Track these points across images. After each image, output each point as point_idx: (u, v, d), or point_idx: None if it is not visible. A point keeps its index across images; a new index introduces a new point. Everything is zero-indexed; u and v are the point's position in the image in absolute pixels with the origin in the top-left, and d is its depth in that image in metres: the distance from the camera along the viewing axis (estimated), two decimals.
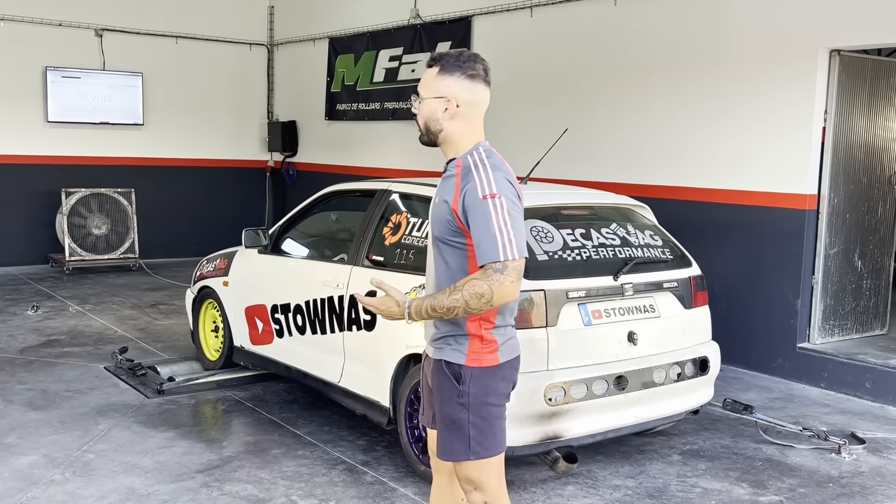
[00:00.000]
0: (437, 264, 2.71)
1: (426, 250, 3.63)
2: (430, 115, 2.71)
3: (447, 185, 2.67)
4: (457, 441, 2.72)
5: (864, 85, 6.52)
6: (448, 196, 2.63)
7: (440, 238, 2.66)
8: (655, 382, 4.36)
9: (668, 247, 4.77)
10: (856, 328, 6.80)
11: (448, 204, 2.62)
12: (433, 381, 2.79)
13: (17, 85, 10.57)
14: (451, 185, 2.64)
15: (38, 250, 10.90)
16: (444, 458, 2.77)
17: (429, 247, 2.78)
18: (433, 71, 2.70)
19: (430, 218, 2.75)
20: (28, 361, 6.38)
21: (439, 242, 2.67)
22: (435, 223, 2.68)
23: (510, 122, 8.67)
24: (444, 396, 2.72)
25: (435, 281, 2.72)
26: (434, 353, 2.76)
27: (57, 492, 4.07)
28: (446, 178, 2.70)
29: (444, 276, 2.68)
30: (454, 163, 2.70)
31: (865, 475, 4.60)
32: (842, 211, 6.53)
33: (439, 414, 2.76)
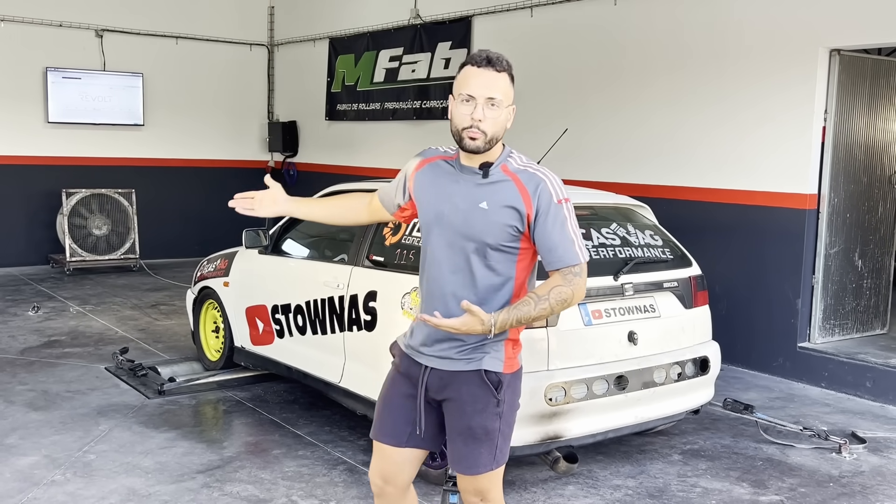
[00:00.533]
0: (478, 271, 2.56)
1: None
2: (503, 125, 2.56)
3: (499, 189, 2.54)
4: (486, 453, 2.61)
5: (864, 84, 6.52)
6: (512, 202, 2.53)
7: (495, 245, 2.54)
8: (656, 382, 4.36)
9: (668, 247, 4.77)
10: (856, 328, 6.80)
11: (516, 210, 2.52)
12: (458, 392, 2.61)
13: (18, 85, 10.58)
14: (510, 190, 2.54)
15: (38, 251, 10.90)
16: (471, 472, 2.63)
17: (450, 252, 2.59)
18: (506, 77, 2.54)
19: (466, 224, 2.55)
20: (29, 362, 6.39)
21: (489, 250, 2.54)
22: (488, 230, 2.53)
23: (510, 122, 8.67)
24: (479, 407, 2.59)
25: (475, 288, 2.57)
26: (465, 364, 2.59)
27: (58, 492, 4.07)
28: (492, 184, 2.55)
29: (487, 283, 2.57)
30: (496, 167, 2.58)
31: (866, 475, 4.60)
32: (842, 210, 6.53)
33: (468, 427, 2.60)
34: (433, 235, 2.63)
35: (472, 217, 2.54)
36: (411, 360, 2.69)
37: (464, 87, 2.52)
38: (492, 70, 2.51)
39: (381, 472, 2.74)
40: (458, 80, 2.56)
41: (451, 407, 2.64)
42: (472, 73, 2.51)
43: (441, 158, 2.69)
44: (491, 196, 2.54)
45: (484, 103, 2.49)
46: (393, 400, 2.72)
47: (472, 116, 2.49)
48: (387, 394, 2.75)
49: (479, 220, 2.54)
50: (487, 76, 2.50)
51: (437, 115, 9.55)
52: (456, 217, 2.56)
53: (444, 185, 2.62)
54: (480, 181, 2.57)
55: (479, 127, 2.49)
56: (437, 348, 2.63)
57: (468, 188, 2.58)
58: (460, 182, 2.59)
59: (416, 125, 9.93)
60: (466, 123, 2.50)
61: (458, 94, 2.54)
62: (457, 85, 2.55)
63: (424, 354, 2.65)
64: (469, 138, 2.51)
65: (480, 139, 2.50)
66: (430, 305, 2.61)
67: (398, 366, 2.75)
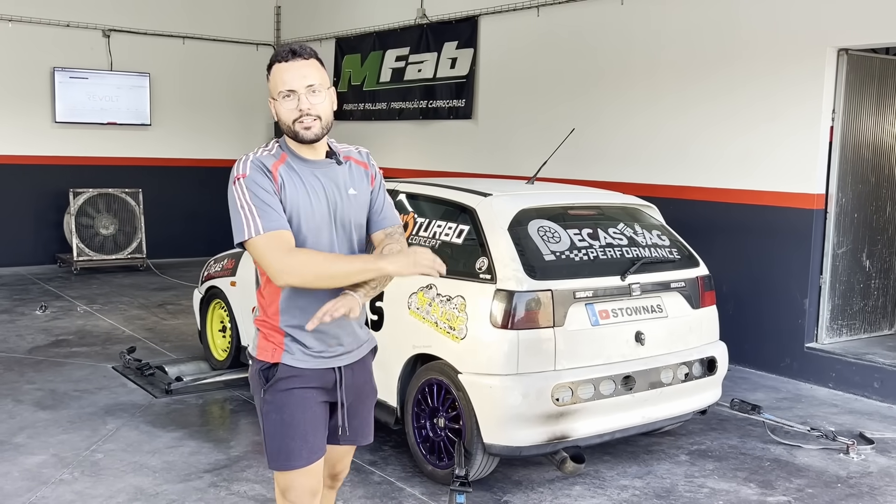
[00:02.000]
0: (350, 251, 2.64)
1: (432, 251, 3.63)
2: (330, 107, 2.57)
3: (353, 173, 2.65)
4: None
5: (872, 84, 6.50)
6: (365, 180, 2.69)
7: (363, 225, 2.69)
8: (663, 382, 4.36)
9: (675, 246, 4.76)
10: (864, 328, 6.78)
11: (369, 185, 2.70)
12: (364, 374, 2.77)
13: (25, 86, 10.61)
14: (359, 170, 2.69)
15: (46, 250, 10.93)
16: (371, 437, 2.87)
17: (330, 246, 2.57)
18: (315, 62, 2.54)
19: (342, 214, 2.59)
20: (37, 361, 6.41)
21: (359, 227, 2.66)
22: (360, 213, 2.66)
23: (517, 122, 8.68)
24: (371, 378, 2.84)
25: None
26: (366, 348, 2.77)
27: (66, 491, 4.08)
28: (346, 170, 2.64)
29: None
30: (343, 155, 2.67)
31: (874, 475, 4.58)
32: (850, 210, 6.51)
33: (374, 396, 2.86)
34: (313, 239, 2.54)
35: (347, 206, 2.61)
36: (318, 371, 2.59)
37: (280, 84, 2.51)
38: (300, 60, 2.52)
39: (312, 489, 2.65)
40: (271, 83, 2.55)
41: (364, 387, 2.78)
42: (283, 69, 2.52)
43: (281, 162, 2.56)
44: (353, 181, 2.65)
45: (305, 92, 2.50)
46: (307, 418, 2.59)
47: (299, 108, 2.50)
48: (301, 418, 2.58)
49: (352, 207, 2.62)
50: (298, 66, 2.51)
51: (444, 114, 9.55)
52: (333, 212, 2.58)
53: (304, 183, 2.55)
54: (337, 170, 2.62)
55: (310, 114, 2.50)
56: (347, 345, 2.66)
57: (330, 180, 2.59)
58: (317, 176, 2.58)
59: (423, 125, 9.93)
60: (296, 116, 2.51)
61: (276, 94, 2.53)
62: (272, 87, 2.55)
63: (339, 356, 2.63)
64: (304, 129, 2.51)
65: (316, 126, 2.52)
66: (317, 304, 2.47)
67: (299, 386, 2.58)
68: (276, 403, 2.59)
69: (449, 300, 4.19)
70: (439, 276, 2.55)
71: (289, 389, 2.58)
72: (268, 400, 2.60)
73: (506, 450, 4.03)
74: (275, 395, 2.59)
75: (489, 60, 9.03)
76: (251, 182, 2.48)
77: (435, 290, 4.28)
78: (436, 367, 4.27)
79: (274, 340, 2.60)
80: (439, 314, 4.22)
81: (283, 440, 2.58)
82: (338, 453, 2.83)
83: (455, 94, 9.40)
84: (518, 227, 4.27)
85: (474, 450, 4.06)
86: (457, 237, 4.41)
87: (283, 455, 2.59)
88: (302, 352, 2.58)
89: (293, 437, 2.58)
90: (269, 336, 2.61)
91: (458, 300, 4.15)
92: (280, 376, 2.58)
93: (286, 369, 2.57)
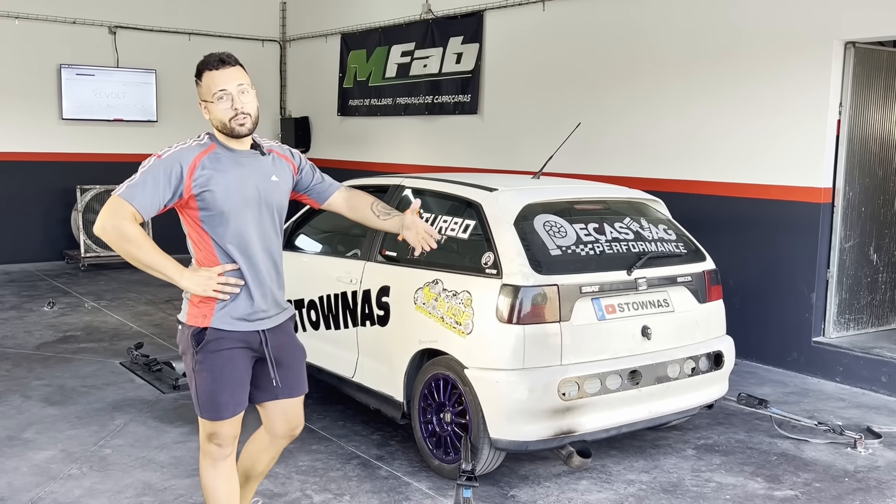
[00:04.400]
0: (278, 235, 3.10)
1: (438, 246, 3.64)
2: (257, 105, 2.99)
3: (276, 163, 3.09)
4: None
5: (879, 77, 6.48)
6: (287, 169, 3.15)
7: (285, 208, 3.11)
8: (669, 377, 4.35)
9: (681, 241, 4.75)
10: (871, 322, 6.76)
11: (290, 174, 3.16)
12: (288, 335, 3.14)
13: (32, 82, 10.64)
14: (280, 160, 3.13)
15: (53, 247, 10.98)
16: (305, 387, 3.21)
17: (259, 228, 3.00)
18: (240, 68, 2.97)
19: (268, 198, 3.02)
20: (45, 357, 6.44)
21: (280, 209, 3.08)
22: (283, 197, 3.10)
23: (522, 117, 8.66)
24: (294, 338, 3.22)
25: (279, 250, 3.11)
26: (288, 313, 3.15)
27: (74, 486, 4.11)
28: (269, 159, 3.07)
29: (281, 244, 3.14)
30: (266, 147, 3.10)
31: (881, 470, 4.57)
32: (857, 204, 6.49)
33: (301, 354, 3.22)
34: (240, 218, 2.93)
35: (270, 190, 3.02)
36: (244, 333, 2.97)
37: (214, 87, 2.91)
38: (228, 67, 2.93)
39: (234, 434, 3.06)
40: (203, 88, 2.95)
41: (290, 346, 3.15)
42: (215, 75, 2.92)
43: (209, 151, 2.95)
44: (275, 169, 3.07)
45: (237, 92, 2.92)
46: (234, 375, 2.97)
47: (233, 107, 2.90)
48: (229, 376, 2.96)
49: (274, 191, 3.04)
50: (228, 71, 2.93)
51: (449, 110, 9.54)
52: (258, 194, 2.98)
53: (235, 170, 2.95)
54: (262, 159, 3.04)
55: (243, 111, 2.92)
56: (271, 310, 3.05)
57: (255, 167, 3.00)
58: (245, 164, 2.98)
59: (428, 120, 9.93)
60: (231, 114, 2.91)
61: (211, 96, 2.91)
62: (206, 91, 2.94)
63: (261, 319, 3.01)
64: (239, 125, 2.92)
65: (248, 122, 2.94)
66: (256, 280, 2.98)
67: (227, 347, 2.94)
68: (206, 363, 2.95)
69: (455, 295, 4.19)
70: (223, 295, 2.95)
71: (218, 351, 2.95)
72: (199, 360, 2.96)
73: (512, 444, 4.03)
74: (206, 355, 2.95)
75: (495, 55, 9.02)
76: (158, 164, 2.90)
77: (441, 285, 4.28)
78: (442, 362, 4.27)
79: (203, 307, 2.95)
80: (445, 309, 4.22)
81: (212, 395, 2.97)
82: (282, 407, 3.15)
83: (461, 89, 9.39)
84: (524, 221, 4.27)
85: (481, 444, 4.06)
86: (462, 232, 4.41)
87: (212, 407, 2.98)
88: (230, 316, 2.95)
89: (222, 392, 2.96)
90: (198, 304, 2.96)
91: (464, 295, 4.15)
92: (210, 338, 2.95)
93: (214, 332, 2.94)
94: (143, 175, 2.87)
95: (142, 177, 2.87)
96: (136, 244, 2.82)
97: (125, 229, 2.81)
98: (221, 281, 2.91)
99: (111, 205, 2.83)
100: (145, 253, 2.84)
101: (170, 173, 2.87)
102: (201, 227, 2.95)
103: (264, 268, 3.01)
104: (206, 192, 2.89)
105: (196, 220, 2.95)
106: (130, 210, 2.83)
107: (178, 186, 2.88)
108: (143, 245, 2.84)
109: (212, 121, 2.97)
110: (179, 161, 2.90)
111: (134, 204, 2.83)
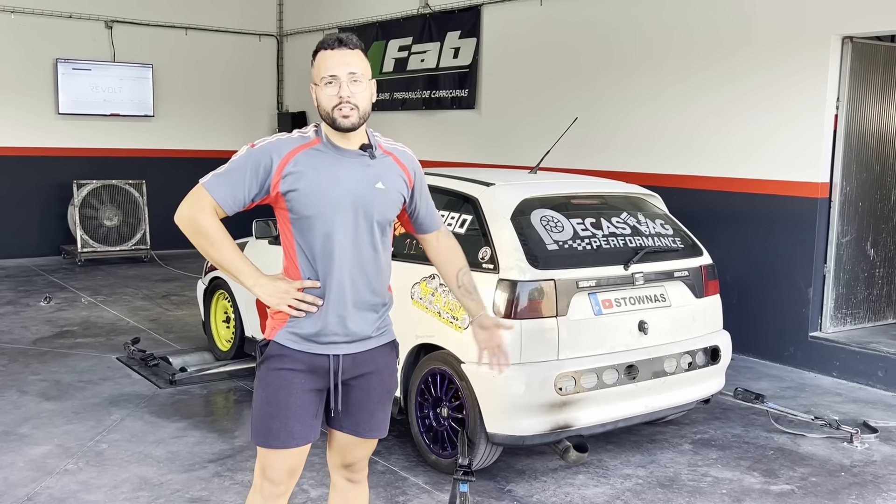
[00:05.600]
0: (379, 249, 2.65)
1: None
2: (369, 98, 2.60)
3: (387, 167, 2.65)
4: (388, 414, 2.84)
5: (876, 72, 6.47)
6: (400, 177, 2.69)
7: (390, 221, 2.68)
8: (666, 372, 4.36)
9: (678, 236, 4.75)
10: (868, 317, 6.76)
11: (404, 184, 2.70)
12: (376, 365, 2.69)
13: (28, 77, 10.62)
14: (394, 166, 2.69)
15: (50, 242, 10.96)
16: (383, 432, 2.81)
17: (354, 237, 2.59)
18: (360, 53, 2.57)
19: (367, 206, 2.58)
20: (41, 352, 6.43)
21: (387, 227, 2.67)
22: (386, 208, 2.63)
23: (520, 112, 8.65)
24: (391, 372, 2.78)
25: (378, 265, 2.65)
26: (378, 339, 2.70)
27: (70, 481, 4.10)
28: (379, 163, 2.64)
29: (385, 258, 2.69)
30: (384, 150, 2.69)
31: (878, 464, 4.58)
32: (854, 199, 6.49)
33: (388, 391, 2.77)
34: (327, 225, 2.55)
35: (371, 198, 2.59)
36: (308, 355, 2.60)
37: (324, 70, 2.54)
38: (346, 49, 2.54)
39: (290, 468, 2.69)
40: (315, 69, 2.58)
41: (370, 379, 2.70)
42: (328, 56, 2.54)
43: (310, 146, 2.60)
44: (383, 175, 2.63)
45: (347, 79, 2.52)
46: (290, 402, 2.60)
47: (339, 95, 2.51)
48: (284, 401, 2.59)
49: (375, 200, 2.60)
50: (343, 55, 2.54)
51: (447, 104, 9.53)
52: (354, 201, 2.57)
53: (331, 171, 2.57)
54: (368, 162, 2.61)
55: (350, 102, 2.52)
56: (352, 335, 2.62)
57: (358, 170, 2.59)
58: (346, 166, 2.58)
59: (426, 115, 9.92)
60: (335, 102, 2.52)
61: (319, 79, 2.55)
62: (316, 73, 2.57)
63: (335, 343, 2.61)
64: (342, 117, 2.52)
65: (354, 115, 2.53)
66: (335, 297, 2.57)
67: (287, 367, 2.60)
68: (263, 381, 2.63)
69: None
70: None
71: (277, 370, 2.60)
72: (259, 376, 2.65)
73: (509, 439, 4.04)
74: (264, 372, 2.63)
75: (492, 50, 9.00)
76: (249, 154, 2.59)
77: (438, 280, 4.28)
78: (439, 356, 4.27)
79: (277, 318, 2.63)
80: (442, 304, 4.22)
81: (264, 418, 2.62)
82: (344, 442, 2.77)
83: (458, 83, 9.38)
84: (521, 216, 4.27)
85: (478, 439, 4.06)
86: (459, 227, 4.40)
87: (262, 433, 2.63)
88: (295, 333, 2.59)
89: (274, 417, 2.60)
90: (274, 315, 2.64)
91: None
92: (270, 353, 2.61)
93: (276, 347, 2.61)
94: (230, 165, 2.58)
95: (229, 166, 2.58)
96: (210, 239, 2.55)
97: (201, 222, 2.53)
98: (299, 297, 2.56)
99: (192, 194, 2.56)
100: (220, 251, 2.58)
101: (258, 166, 2.55)
102: (291, 231, 2.60)
103: (349, 285, 2.58)
104: (292, 192, 2.54)
105: (287, 221, 2.60)
106: (210, 201, 2.54)
107: (265, 181, 2.55)
108: (217, 241, 2.56)
109: (318, 108, 2.58)
110: (271, 153, 2.56)
111: (214, 195, 2.54)
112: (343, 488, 2.86)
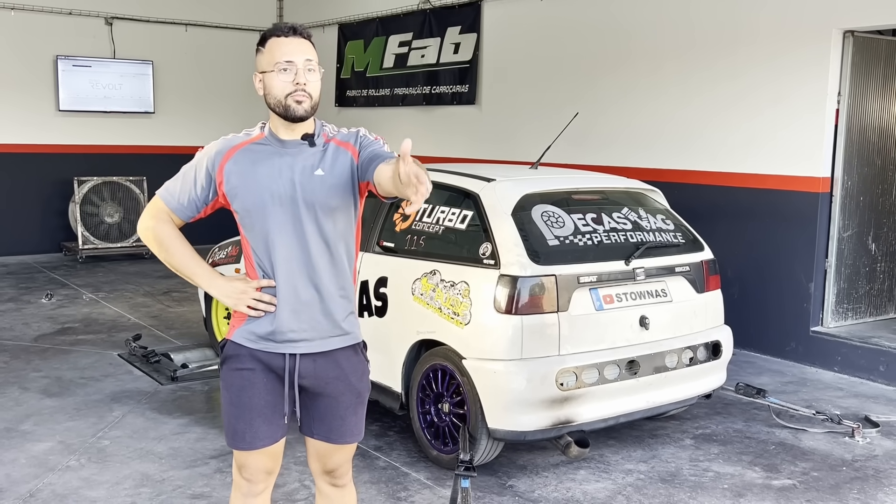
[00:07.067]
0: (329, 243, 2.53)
1: (436, 236, 3.62)
2: (319, 88, 2.53)
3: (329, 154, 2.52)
4: (363, 416, 2.70)
5: (878, 66, 6.46)
6: (345, 160, 2.53)
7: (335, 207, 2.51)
8: (667, 367, 4.35)
9: (679, 231, 4.75)
10: (869, 311, 6.76)
11: (349, 164, 2.52)
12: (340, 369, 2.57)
13: (29, 74, 10.60)
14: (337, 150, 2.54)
15: (51, 239, 10.96)
16: (358, 437, 2.68)
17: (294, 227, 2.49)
18: (311, 44, 2.52)
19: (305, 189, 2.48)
20: (43, 349, 6.43)
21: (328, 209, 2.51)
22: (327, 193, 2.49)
23: (520, 108, 8.64)
24: (359, 375, 2.63)
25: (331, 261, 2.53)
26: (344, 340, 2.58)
27: (72, 478, 4.11)
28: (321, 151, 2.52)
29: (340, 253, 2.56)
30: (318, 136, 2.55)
31: (879, 458, 4.58)
32: (855, 194, 6.48)
33: (355, 397, 2.63)
34: (267, 218, 2.49)
35: (312, 187, 2.49)
36: (264, 353, 2.53)
37: (279, 56, 2.46)
38: (300, 37, 2.50)
39: (265, 469, 2.64)
40: (265, 56, 2.50)
41: (336, 385, 2.59)
42: (283, 42, 2.48)
43: (249, 143, 2.55)
44: (324, 161, 2.51)
45: (304, 66, 2.46)
46: (253, 402, 2.54)
47: (296, 82, 2.45)
48: (247, 402, 2.53)
49: (316, 188, 2.49)
50: (299, 42, 2.49)
51: (447, 100, 9.52)
52: (293, 192, 2.48)
53: (268, 163, 2.51)
54: (309, 151, 2.52)
55: (304, 90, 2.45)
56: (308, 333, 2.52)
57: (297, 159, 2.51)
58: (285, 156, 2.51)
59: (426, 111, 9.91)
60: (290, 89, 2.45)
61: (273, 65, 2.46)
62: (267, 60, 2.49)
63: (291, 342, 2.52)
64: (296, 102, 2.45)
65: (307, 102, 2.47)
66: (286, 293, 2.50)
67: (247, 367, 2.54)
68: (226, 382, 2.58)
69: (453, 286, 4.19)
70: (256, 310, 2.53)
71: (238, 370, 2.55)
72: (222, 377, 2.61)
73: (510, 434, 4.04)
74: (226, 373, 2.59)
75: (493, 45, 8.99)
76: (197, 158, 2.62)
77: (439, 275, 4.28)
78: (440, 352, 4.27)
79: (237, 318, 2.59)
80: (443, 300, 4.22)
81: (230, 420, 2.57)
82: (319, 448, 2.67)
83: (458, 79, 9.37)
84: (522, 212, 4.26)
85: (479, 435, 4.06)
86: (460, 223, 4.40)
87: (230, 434, 2.59)
88: (253, 332, 2.54)
89: (238, 418, 2.55)
90: (235, 314, 2.60)
91: (461, 286, 4.15)
92: (228, 353, 2.58)
93: (233, 347, 2.57)
94: (181, 171, 2.60)
95: (180, 173, 2.60)
96: (164, 245, 2.56)
97: (157, 230, 2.56)
98: (257, 296, 2.50)
99: (150, 204, 2.63)
100: (174, 255, 2.57)
101: (203, 169, 2.55)
102: (242, 230, 2.58)
103: (300, 280, 2.50)
104: (232, 189, 2.53)
105: (238, 221, 2.58)
106: (165, 209, 2.58)
107: (211, 183, 2.55)
108: (171, 247, 2.56)
109: (266, 98, 2.52)
110: (214, 154, 2.56)
111: (168, 203, 2.57)
112: (328, 494, 2.78)
